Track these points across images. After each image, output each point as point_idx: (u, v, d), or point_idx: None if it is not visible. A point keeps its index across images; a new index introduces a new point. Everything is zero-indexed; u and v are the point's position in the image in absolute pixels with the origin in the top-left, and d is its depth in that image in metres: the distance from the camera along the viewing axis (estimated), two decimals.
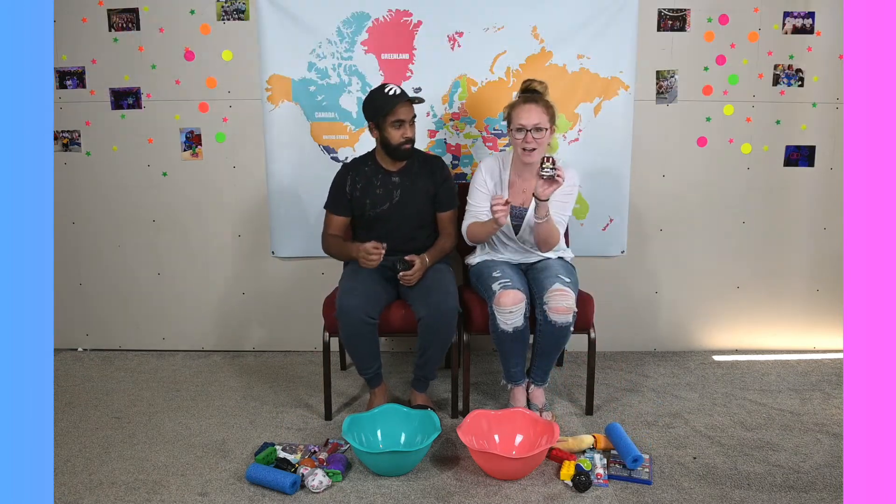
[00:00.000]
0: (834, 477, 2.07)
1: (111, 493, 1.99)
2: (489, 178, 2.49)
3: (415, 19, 2.86)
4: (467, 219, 2.51)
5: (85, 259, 3.17)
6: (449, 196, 2.56)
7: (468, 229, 2.48)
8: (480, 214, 2.47)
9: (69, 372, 2.98)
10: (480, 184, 2.49)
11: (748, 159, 3.03)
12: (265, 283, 3.15)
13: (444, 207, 2.56)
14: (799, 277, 3.15)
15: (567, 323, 2.29)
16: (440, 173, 2.54)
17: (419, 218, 2.53)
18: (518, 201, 2.47)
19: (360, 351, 2.36)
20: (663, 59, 2.94)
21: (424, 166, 2.54)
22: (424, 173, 2.52)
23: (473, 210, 2.49)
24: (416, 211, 2.51)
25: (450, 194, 2.56)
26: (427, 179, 2.52)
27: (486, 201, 2.46)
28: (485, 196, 2.47)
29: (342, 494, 1.98)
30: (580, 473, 1.99)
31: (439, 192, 2.53)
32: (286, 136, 2.96)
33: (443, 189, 2.53)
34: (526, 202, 2.47)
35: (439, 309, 2.28)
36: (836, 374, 2.93)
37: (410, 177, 2.51)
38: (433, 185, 2.52)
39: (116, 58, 2.96)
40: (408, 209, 2.50)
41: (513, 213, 2.45)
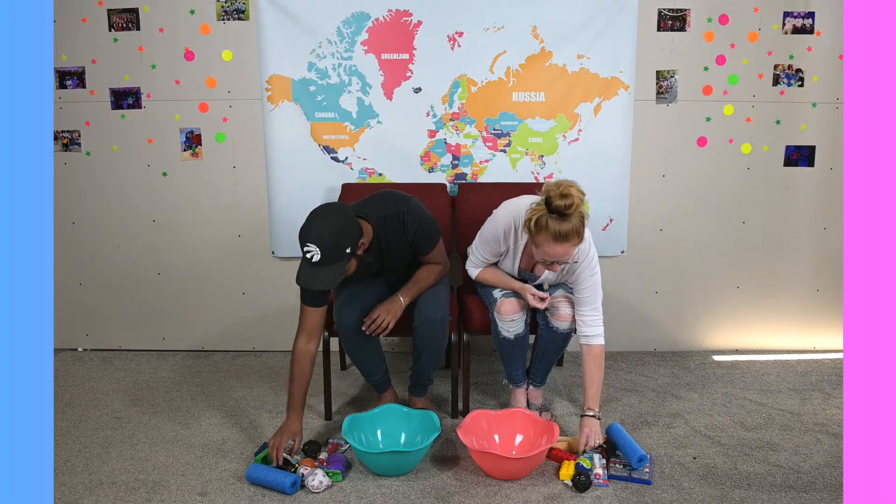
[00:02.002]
0: (834, 477, 2.07)
1: (111, 493, 1.99)
2: (502, 241, 2.26)
3: (415, 19, 2.87)
4: (473, 265, 2.40)
5: (85, 259, 3.17)
6: (425, 241, 2.29)
7: (479, 277, 2.39)
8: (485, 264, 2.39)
9: (69, 372, 2.98)
10: (493, 240, 2.28)
11: (748, 159, 3.03)
12: (265, 283, 3.15)
13: (423, 251, 2.31)
14: (799, 277, 3.15)
15: (569, 329, 2.30)
16: (408, 230, 2.24)
17: (404, 264, 2.36)
18: (528, 265, 2.34)
19: (362, 360, 2.36)
20: (663, 59, 2.94)
21: (390, 232, 2.24)
22: (391, 235, 2.24)
23: (480, 259, 2.38)
24: (396, 265, 2.34)
25: (426, 238, 2.28)
26: (396, 238, 2.25)
27: (493, 257, 2.34)
28: (494, 252, 2.33)
29: (342, 494, 1.98)
30: (580, 473, 1.99)
31: (414, 242, 2.27)
32: (286, 136, 2.96)
33: (416, 239, 2.26)
34: (537, 269, 2.34)
35: (430, 319, 2.26)
36: (836, 374, 2.93)
37: (380, 249, 2.25)
38: (405, 240, 2.27)
39: (116, 58, 2.96)
40: (387, 270, 2.35)
41: (521, 276, 2.36)
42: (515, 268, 2.33)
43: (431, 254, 2.33)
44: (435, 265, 2.35)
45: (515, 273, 2.35)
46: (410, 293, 2.28)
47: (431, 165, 3.00)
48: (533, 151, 2.97)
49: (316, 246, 1.96)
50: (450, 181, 3.00)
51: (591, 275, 2.20)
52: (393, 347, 3.24)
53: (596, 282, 2.21)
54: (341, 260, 2.01)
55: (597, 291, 2.22)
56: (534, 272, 2.34)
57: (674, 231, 3.10)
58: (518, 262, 2.31)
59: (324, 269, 1.98)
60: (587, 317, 2.23)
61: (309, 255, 1.97)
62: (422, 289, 2.31)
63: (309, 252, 1.96)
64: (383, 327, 2.21)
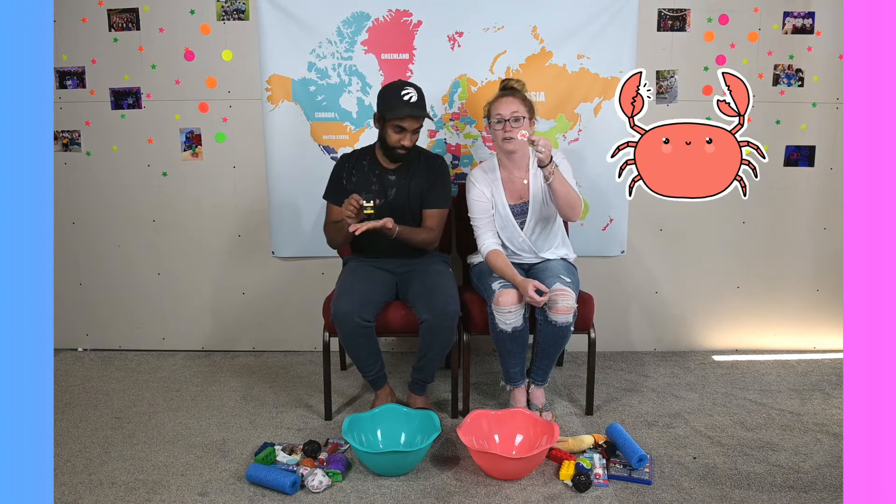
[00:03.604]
0: (834, 477, 2.07)
1: (111, 493, 1.99)
2: (484, 187, 2.46)
3: (415, 19, 2.87)
4: (481, 234, 2.47)
5: (85, 259, 3.17)
6: (438, 194, 2.49)
7: (489, 256, 2.43)
8: (489, 226, 2.46)
9: (69, 372, 2.98)
10: (477, 195, 2.46)
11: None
12: (265, 283, 3.15)
13: (429, 204, 2.48)
14: (799, 277, 3.15)
15: (567, 323, 2.30)
16: (436, 171, 2.50)
17: (413, 218, 2.49)
18: (515, 198, 2.47)
19: (358, 354, 2.36)
20: (663, 59, 2.94)
21: (423, 166, 2.50)
22: (422, 173, 2.48)
23: (480, 222, 2.47)
24: (409, 210, 2.48)
25: (440, 193, 2.49)
26: (423, 179, 2.48)
27: (488, 210, 2.45)
28: (485, 205, 2.46)
29: (342, 494, 1.98)
30: (580, 473, 1.99)
31: (432, 182, 2.48)
32: (286, 136, 2.96)
33: (434, 185, 2.48)
34: (524, 196, 2.47)
35: (442, 312, 2.27)
36: (836, 374, 2.93)
37: (407, 176, 2.47)
38: (428, 183, 2.48)
39: (116, 58, 2.96)
40: (401, 208, 2.47)
41: (514, 211, 2.46)
42: (506, 206, 2.45)
43: (435, 212, 2.48)
44: (429, 230, 2.46)
45: (509, 213, 2.46)
46: (404, 230, 2.38)
47: None
48: None
49: (414, 90, 2.35)
50: None
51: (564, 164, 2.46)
52: (393, 347, 3.24)
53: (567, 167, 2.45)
54: (425, 111, 2.39)
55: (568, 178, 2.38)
56: (523, 201, 2.47)
57: (674, 231, 3.10)
58: (505, 199, 2.45)
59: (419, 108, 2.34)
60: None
61: (407, 96, 2.33)
62: (412, 236, 2.41)
63: (407, 94, 2.33)
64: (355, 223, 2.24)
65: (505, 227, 2.47)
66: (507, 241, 2.50)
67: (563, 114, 2.93)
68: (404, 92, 2.33)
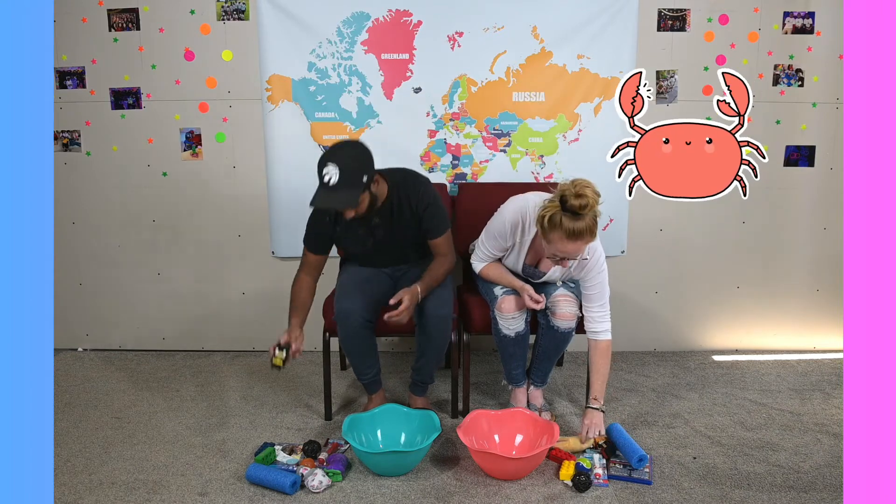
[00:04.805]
0: (834, 477, 2.07)
1: (111, 493, 1.99)
2: (510, 236, 2.26)
3: (415, 19, 2.87)
4: (478, 259, 2.39)
5: (85, 259, 3.17)
6: (435, 221, 2.27)
7: (483, 272, 2.37)
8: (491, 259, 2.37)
9: (69, 372, 2.98)
10: (500, 236, 2.27)
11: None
12: (265, 283, 3.15)
13: (433, 234, 2.29)
14: (799, 277, 3.15)
15: (570, 329, 2.30)
16: (421, 201, 2.24)
17: (410, 243, 2.35)
18: (533, 261, 2.33)
19: (358, 355, 2.36)
20: (663, 59, 2.94)
21: (407, 209, 2.25)
22: (406, 216, 2.25)
23: (485, 254, 2.35)
24: (402, 239, 2.32)
25: (436, 219, 2.27)
26: (408, 211, 2.26)
27: (499, 252, 2.34)
28: (501, 247, 2.32)
29: (342, 494, 1.98)
30: (580, 473, 1.99)
31: (424, 220, 2.26)
32: (286, 136, 2.96)
33: (426, 216, 2.25)
34: (542, 266, 2.33)
35: (435, 315, 2.26)
36: (836, 374, 2.93)
37: (391, 214, 2.25)
38: (415, 215, 2.26)
39: (116, 58, 2.96)
40: (390, 246, 2.33)
41: (525, 271, 2.36)
42: (520, 263, 2.33)
43: (440, 239, 2.31)
44: (443, 257, 2.33)
45: (520, 268, 2.35)
46: (426, 284, 2.24)
47: (431, 165, 3.00)
48: (533, 151, 2.97)
49: (335, 166, 1.97)
50: (450, 181, 3.00)
51: (599, 272, 2.21)
52: (393, 347, 3.24)
53: (604, 279, 2.22)
54: (358, 186, 2.00)
55: (604, 288, 2.23)
56: (538, 268, 2.33)
57: (674, 231, 3.10)
58: (523, 257, 2.31)
59: (339, 191, 1.99)
60: (595, 313, 2.24)
61: (327, 177, 1.97)
62: (435, 280, 2.28)
63: (327, 175, 1.97)
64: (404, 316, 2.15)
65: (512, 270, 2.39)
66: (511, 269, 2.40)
67: (563, 114, 2.93)
68: (325, 172, 1.99)
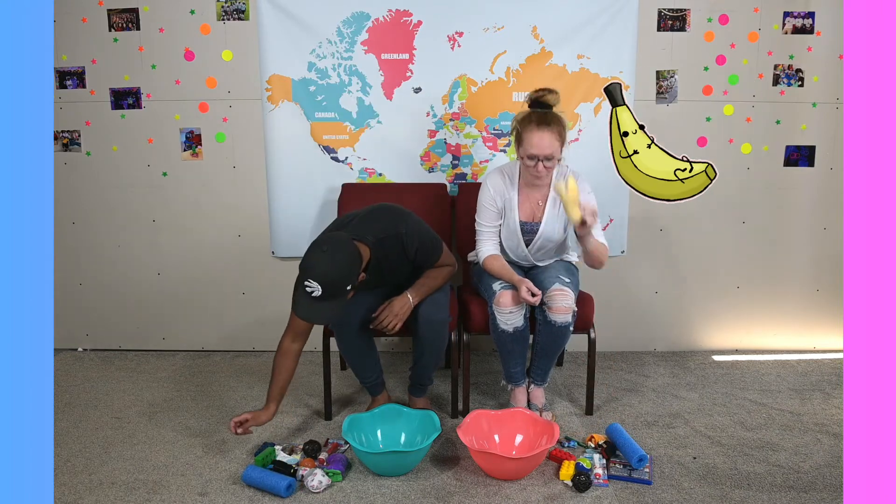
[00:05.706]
0: (834, 477, 2.07)
1: (111, 493, 1.99)
2: (497, 197, 2.39)
3: (415, 19, 2.87)
4: (482, 240, 2.42)
5: (85, 259, 3.17)
6: (428, 257, 2.26)
7: (486, 262, 2.40)
8: (492, 234, 2.42)
9: (69, 372, 2.98)
10: (489, 202, 2.40)
11: (748, 159, 3.03)
12: (265, 283, 3.15)
13: (429, 266, 2.30)
14: (799, 277, 3.15)
15: (567, 323, 2.30)
16: (407, 250, 2.20)
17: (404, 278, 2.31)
18: (527, 216, 2.42)
19: (359, 362, 2.36)
20: (663, 59, 2.94)
21: (390, 253, 2.19)
22: (391, 256, 2.19)
23: (485, 229, 2.42)
24: (395, 278, 2.30)
25: (428, 255, 2.26)
26: (396, 258, 2.20)
27: (496, 219, 2.40)
28: (494, 214, 2.40)
29: (342, 494, 1.98)
30: (580, 473, 1.99)
31: (416, 261, 2.24)
32: (286, 136, 2.96)
33: (418, 258, 2.23)
34: (536, 216, 2.41)
35: (430, 320, 2.25)
36: (836, 374, 2.93)
37: (379, 268, 2.18)
38: (406, 260, 2.23)
39: (116, 58, 2.96)
40: (386, 283, 2.30)
41: (524, 229, 2.42)
42: (517, 221, 2.38)
43: (437, 264, 2.31)
44: (440, 267, 2.32)
45: (518, 228, 2.39)
46: (420, 293, 2.25)
47: (431, 165, 3.00)
48: None
49: (318, 283, 1.92)
50: (450, 181, 3.00)
51: (588, 192, 2.34)
52: (393, 347, 3.24)
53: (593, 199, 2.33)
54: (342, 296, 1.99)
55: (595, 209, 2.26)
56: (535, 221, 2.40)
57: (674, 231, 3.10)
58: (516, 214, 2.38)
59: (324, 303, 1.96)
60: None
61: (309, 290, 1.94)
62: (431, 288, 2.28)
63: (309, 288, 1.93)
64: (391, 327, 2.20)
65: (510, 238, 2.44)
66: (509, 250, 2.47)
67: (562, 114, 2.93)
68: (306, 284, 1.95)
